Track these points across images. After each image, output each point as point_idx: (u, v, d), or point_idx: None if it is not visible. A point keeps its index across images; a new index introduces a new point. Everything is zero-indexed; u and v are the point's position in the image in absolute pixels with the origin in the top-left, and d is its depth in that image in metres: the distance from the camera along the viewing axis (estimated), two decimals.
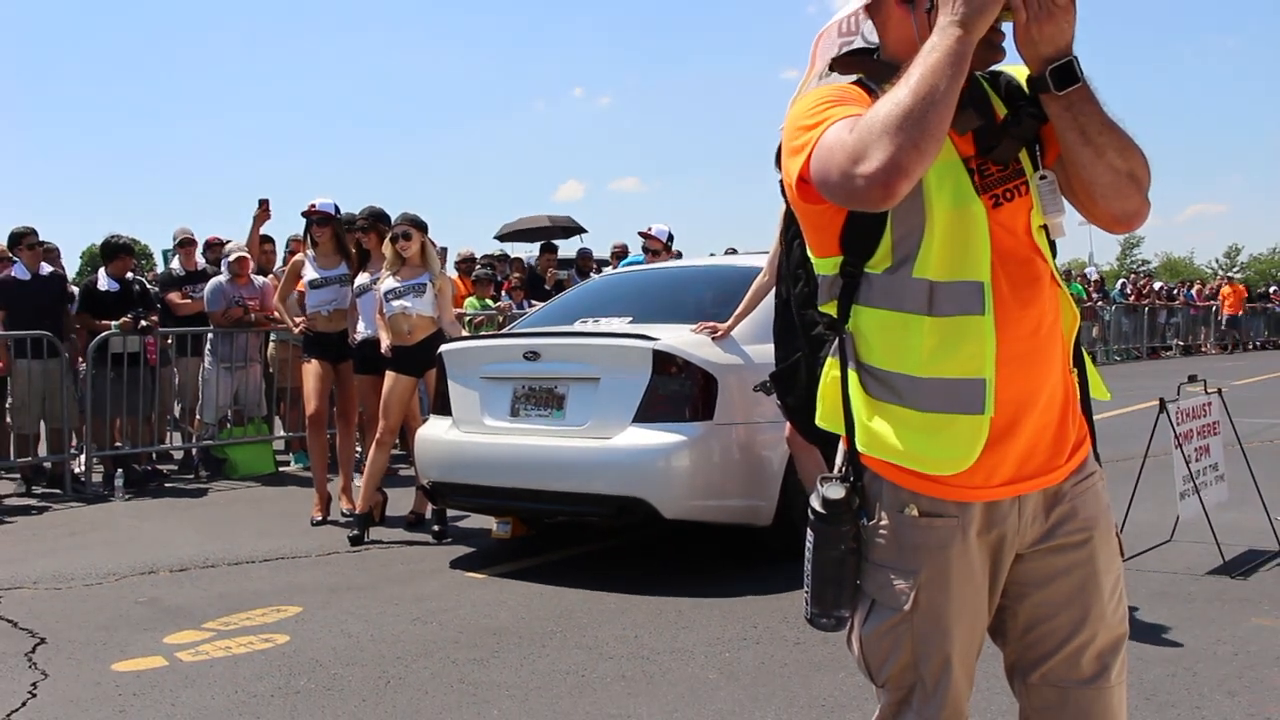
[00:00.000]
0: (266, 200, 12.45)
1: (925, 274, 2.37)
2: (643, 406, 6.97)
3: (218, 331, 12.06)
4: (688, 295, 8.55)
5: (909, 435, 2.40)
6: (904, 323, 2.39)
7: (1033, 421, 2.43)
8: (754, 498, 7.15)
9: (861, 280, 2.45)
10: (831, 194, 2.28)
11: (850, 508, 2.47)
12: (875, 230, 2.40)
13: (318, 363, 9.36)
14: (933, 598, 2.44)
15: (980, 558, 2.46)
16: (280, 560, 7.89)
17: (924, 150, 2.15)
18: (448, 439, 7.68)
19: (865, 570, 2.50)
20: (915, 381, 2.39)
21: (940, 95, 2.16)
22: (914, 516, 2.44)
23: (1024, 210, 2.42)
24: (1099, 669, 2.52)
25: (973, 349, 2.36)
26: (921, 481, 2.43)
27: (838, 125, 2.28)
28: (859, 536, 2.49)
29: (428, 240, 8.78)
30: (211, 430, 12.31)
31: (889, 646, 2.50)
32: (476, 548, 8.19)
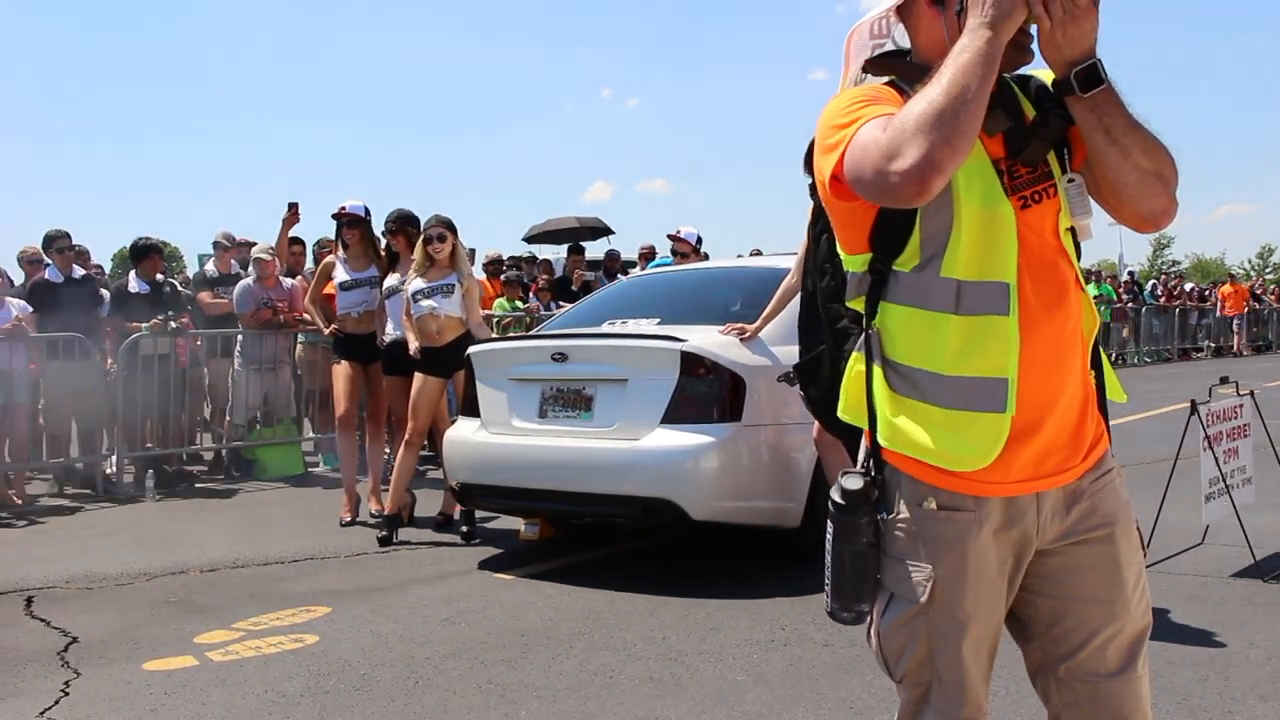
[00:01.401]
0: (295, 204, 12.50)
1: (953, 273, 2.39)
2: (671, 408, 6.96)
3: (247, 333, 12.11)
4: (715, 296, 8.54)
5: (931, 431, 2.43)
6: (930, 321, 2.42)
7: (1053, 421, 2.45)
8: (782, 499, 7.14)
9: (889, 277, 2.47)
10: (865, 190, 2.31)
11: (869, 499, 2.50)
12: (904, 228, 2.42)
13: (348, 364, 9.41)
14: (949, 591, 2.46)
15: (998, 554, 2.48)
16: (309, 561, 7.92)
17: (956, 147, 2.18)
18: (476, 440, 7.70)
19: (884, 564, 2.52)
20: (940, 379, 2.42)
21: (972, 94, 2.20)
22: (932, 510, 2.46)
23: (1052, 212, 2.44)
24: (1127, 660, 2.54)
25: (997, 349, 2.39)
26: (940, 475, 2.45)
27: (871, 124, 2.31)
28: (878, 530, 2.52)
29: (458, 242, 8.80)
30: (241, 431, 12.38)
31: (905, 640, 2.52)
32: (505, 549, 8.20)
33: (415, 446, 8.78)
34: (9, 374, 10.68)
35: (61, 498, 11.02)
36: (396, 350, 8.95)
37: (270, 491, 11.28)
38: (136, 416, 11.43)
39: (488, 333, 9.11)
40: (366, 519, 9.29)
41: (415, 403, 8.61)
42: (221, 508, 10.40)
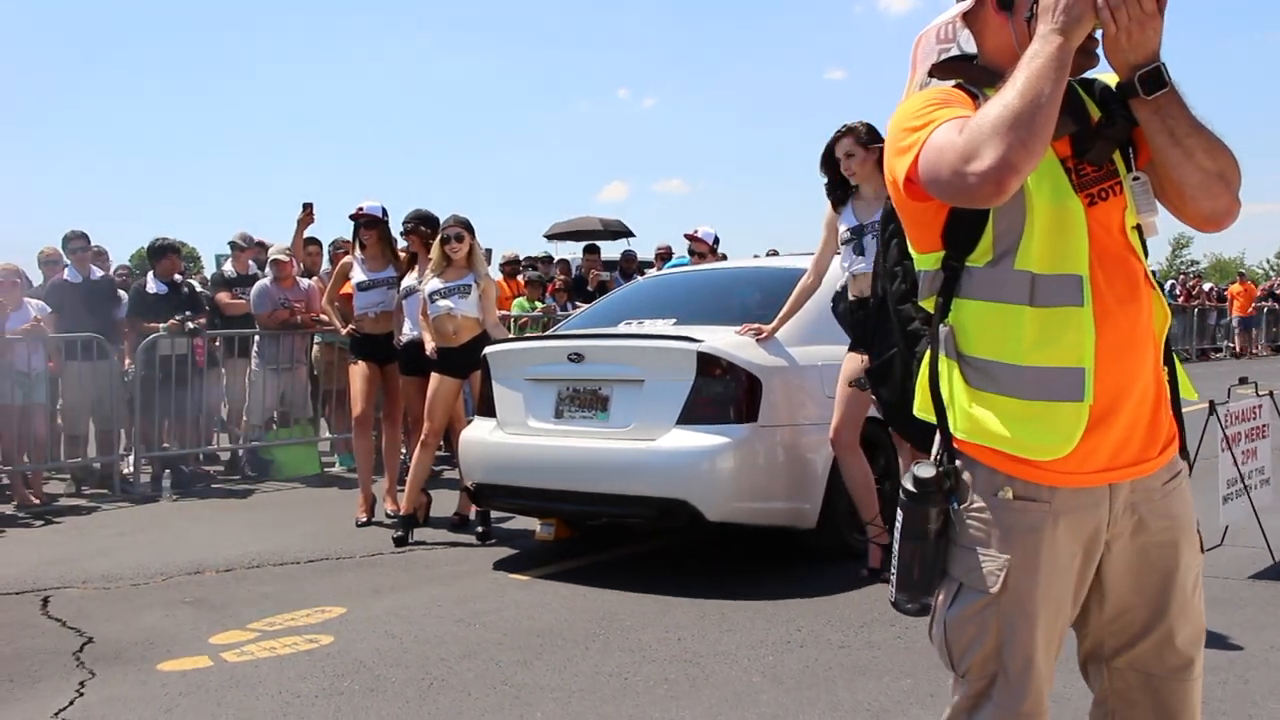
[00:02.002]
0: (310, 204, 12.50)
1: (1027, 266, 2.44)
2: (687, 408, 6.95)
3: (264, 333, 12.13)
4: (732, 297, 8.53)
5: (1010, 422, 2.47)
6: (1006, 314, 2.47)
7: (1128, 412, 2.49)
8: (798, 500, 7.12)
9: (963, 274, 2.53)
10: (941, 191, 2.36)
11: (940, 488, 2.53)
12: (977, 225, 2.48)
13: (365, 364, 9.41)
14: (1021, 581, 2.49)
15: (1070, 546, 2.51)
16: (325, 561, 7.92)
17: (1032, 150, 2.24)
18: (492, 440, 7.69)
19: (953, 554, 2.56)
20: (1017, 370, 2.46)
21: (1046, 98, 2.26)
22: (1008, 499, 2.49)
23: (1118, 210, 2.49)
24: (1186, 661, 2.62)
25: (1073, 339, 2.43)
26: (1017, 465, 2.48)
27: (946, 126, 2.37)
28: (947, 521, 2.55)
29: (475, 243, 8.79)
30: (258, 432, 12.40)
31: (974, 631, 2.54)
32: (520, 549, 8.20)
33: (431, 447, 8.78)
34: (27, 374, 10.72)
35: (79, 498, 11.05)
36: (413, 350, 8.95)
37: (286, 492, 11.30)
38: (154, 417, 11.46)
39: (504, 333, 9.11)
40: (382, 519, 9.30)
41: (431, 403, 8.61)
42: (238, 508, 10.43)
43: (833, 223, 7.11)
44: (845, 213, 7.03)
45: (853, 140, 6.91)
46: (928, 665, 5.23)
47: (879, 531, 6.94)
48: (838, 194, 7.10)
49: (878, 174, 6.91)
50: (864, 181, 6.96)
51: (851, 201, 7.04)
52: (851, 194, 7.06)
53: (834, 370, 7.06)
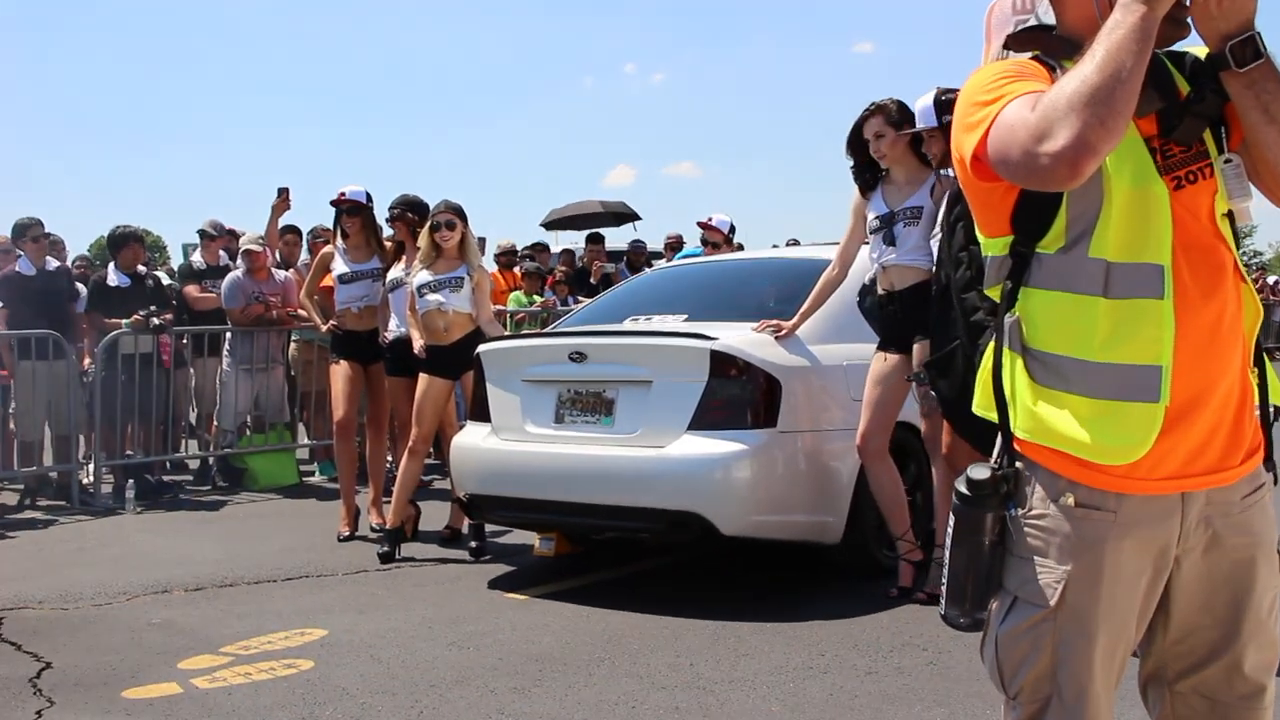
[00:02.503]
0: (286, 189, 12.52)
1: (1102, 254, 2.43)
2: (699, 412, 6.97)
3: (237, 331, 12.16)
4: (748, 291, 8.54)
5: (1078, 423, 2.46)
6: (1077, 305, 2.46)
7: (1207, 416, 2.48)
8: (821, 513, 7.15)
9: (1032, 261, 2.52)
10: (1011, 172, 2.36)
11: (996, 492, 2.53)
12: (1049, 209, 2.47)
13: (347, 364, 9.44)
14: (1080, 596, 2.48)
15: (1137, 560, 2.50)
16: (304, 579, 7.96)
17: (1111, 128, 2.23)
18: (486, 447, 7.72)
19: (1009, 564, 2.56)
20: (1087, 367, 2.45)
21: (1127, 73, 2.24)
22: (1070, 506, 2.49)
23: (1207, 194, 2.48)
24: (1256, 688, 2.60)
25: (1150, 334, 2.42)
26: (1082, 470, 2.48)
27: (1018, 102, 2.36)
28: (1004, 528, 2.55)
29: (468, 231, 8.81)
30: (230, 438, 12.41)
31: (1027, 648, 2.54)
32: (517, 566, 8.23)
33: (420, 454, 8.81)
34: None
35: (34, 510, 11.07)
36: (400, 349, 8.98)
37: (261, 504, 11.33)
38: (115, 421, 11.48)
39: (499, 330, 9.13)
40: (366, 533, 9.33)
41: (420, 406, 8.64)
42: (208, 521, 10.46)
43: (860, 210, 7.13)
44: (874, 199, 7.05)
45: (882, 119, 6.93)
46: (963, 694, 5.26)
47: (910, 547, 6.97)
48: (866, 178, 7.12)
49: (910, 156, 6.94)
50: (895, 165, 6.98)
51: (881, 186, 7.06)
52: (881, 178, 7.08)
53: (860, 371, 7.09)
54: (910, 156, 6.95)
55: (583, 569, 8.05)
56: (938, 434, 6.72)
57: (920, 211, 6.81)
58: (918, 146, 6.91)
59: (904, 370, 6.76)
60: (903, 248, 6.84)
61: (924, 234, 6.73)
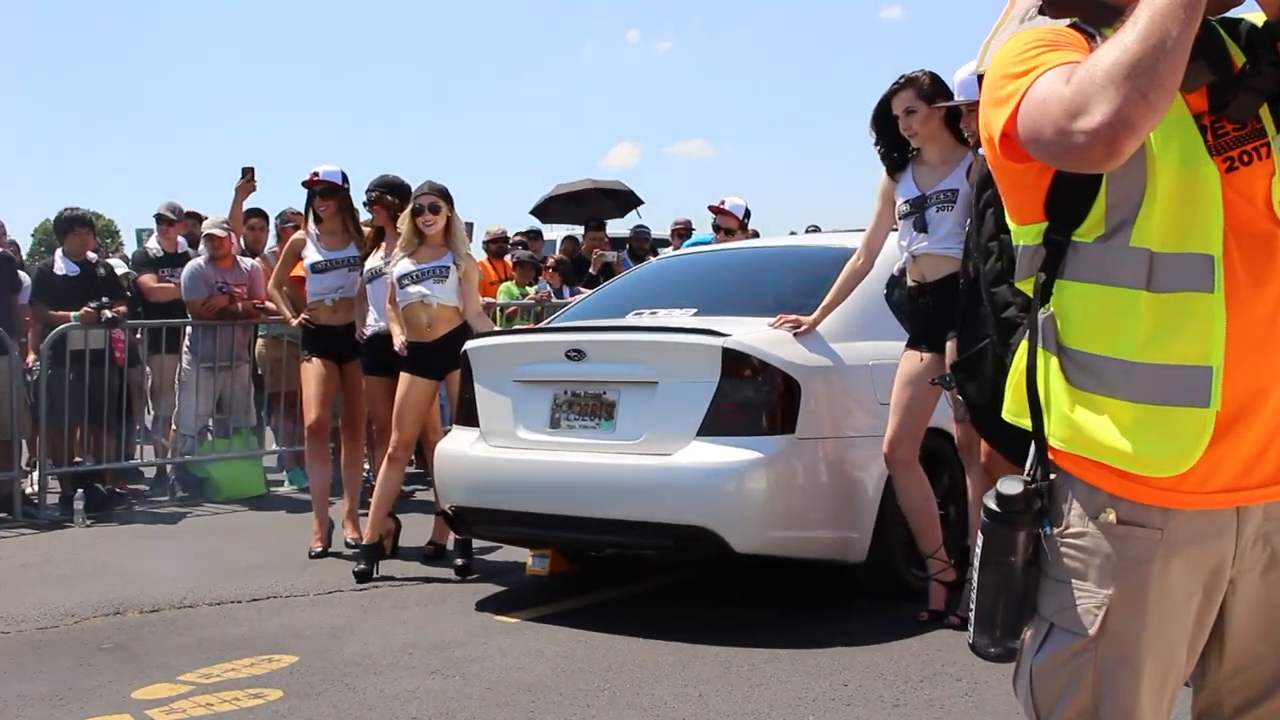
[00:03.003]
0: (251, 168, 12.51)
1: (1145, 243, 2.42)
2: (710, 417, 6.99)
3: (197, 325, 12.13)
4: (765, 282, 8.56)
5: (1119, 430, 2.45)
6: (1117, 299, 2.45)
7: (1264, 421, 2.46)
8: (844, 528, 7.17)
9: (1068, 250, 2.51)
10: (1044, 152, 2.34)
11: (1029, 507, 2.52)
12: (1087, 193, 2.46)
13: (320, 362, 9.45)
14: (1124, 623, 2.47)
15: (1186, 583, 2.49)
16: (272, 600, 7.98)
17: (1154, 103, 2.20)
18: (474, 455, 7.74)
19: (1043, 588, 2.55)
20: (1129, 368, 2.44)
21: (1173, 41, 2.21)
22: (1111, 523, 2.48)
23: (1264, 176, 2.46)
24: None
25: (1198, 331, 2.41)
26: (1123, 482, 2.47)
27: (1051, 74, 2.34)
28: (1038, 548, 2.55)
29: (454, 216, 8.82)
30: (190, 444, 12.42)
31: (1065, 680, 2.53)
32: (508, 586, 8.25)
33: (400, 462, 8.82)
34: None
35: None
36: (379, 345, 8.98)
37: (225, 516, 11.35)
38: (63, 425, 11.49)
39: (489, 325, 9.13)
40: (341, 549, 9.35)
41: (400, 409, 8.64)
42: (165, 535, 10.49)
43: (889, 193, 7.15)
44: (904, 181, 7.06)
45: (913, 93, 6.94)
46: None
47: (942, 566, 6.99)
48: (895, 158, 7.13)
49: (944, 133, 6.95)
50: (927, 143, 6.99)
51: (911, 167, 7.08)
52: (911, 158, 7.09)
53: (888, 371, 7.11)
54: (945, 134, 6.96)
55: (580, 589, 8.07)
56: (973, 441, 6.74)
57: (955, 195, 6.82)
58: (953, 123, 6.93)
59: (936, 370, 6.77)
60: (935, 235, 6.86)
61: (959, 220, 6.73)
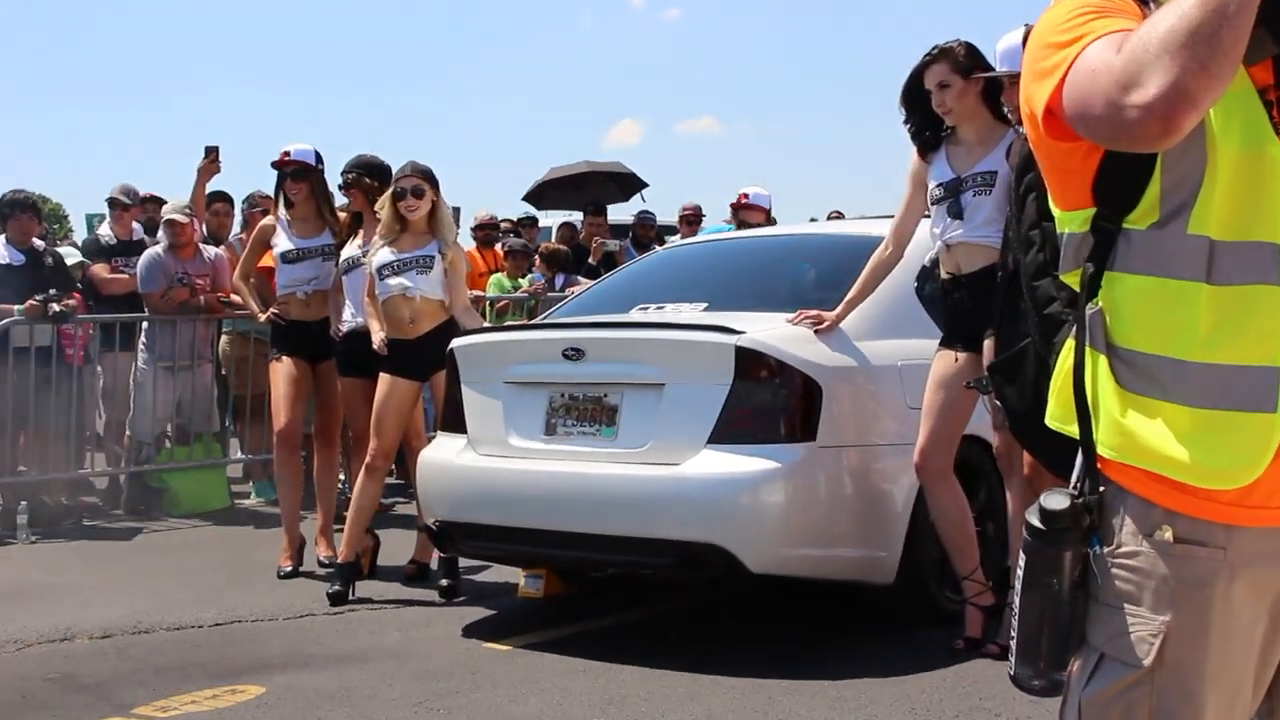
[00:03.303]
0: (215, 147, 12.51)
1: (1204, 230, 2.40)
2: (722, 423, 6.96)
3: (155, 320, 12.13)
4: (782, 274, 8.56)
5: (1176, 438, 2.42)
6: (1174, 293, 2.43)
7: None
8: (870, 546, 7.14)
9: (1119, 239, 2.49)
10: (1092, 129, 2.32)
11: (1077, 524, 2.50)
12: (1140, 175, 2.44)
13: (290, 361, 9.44)
14: (1183, 654, 2.45)
15: (1252, 607, 2.47)
16: (237, 625, 7.96)
17: (1215, 75, 2.18)
18: (460, 464, 7.73)
19: (1093, 614, 2.53)
20: (1187, 369, 2.42)
21: (1236, 7, 2.18)
22: (1167, 542, 2.45)
23: None
24: None
25: (1264, 328, 2.40)
26: (1182, 497, 2.44)
27: (1101, 42, 2.32)
28: (1086, 569, 2.52)
29: (440, 200, 8.81)
30: (146, 451, 12.39)
31: (1117, 717, 2.51)
32: (498, 610, 8.24)
33: (379, 472, 8.81)
34: None
35: None
36: (356, 343, 8.97)
37: (185, 532, 11.35)
38: (5, 430, 11.49)
39: (478, 321, 9.12)
40: (314, 569, 9.35)
41: (380, 413, 8.63)
42: (119, 553, 10.47)
43: (920, 176, 7.13)
44: (937, 162, 7.04)
45: (947, 66, 6.91)
46: None
47: (979, 589, 6.96)
48: (926, 138, 7.11)
49: (982, 110, 6.92)
50: (962, 121, 6.96)
51: (945, 147, 7.05)
52: (945, 138, 7.07)
53: (919, 372, 7.09)
54: (983, 110, 6.93)
55: (579, 613, 8.06)
56: (1013, 450, 6.71)
57: (994, 177, 6.79)
58: (992, 98, 6.90)
59: (972, 372, 6.74)
60: (972, 222, 6.83)
61: (998, 205, 6.71)
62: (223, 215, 13.43)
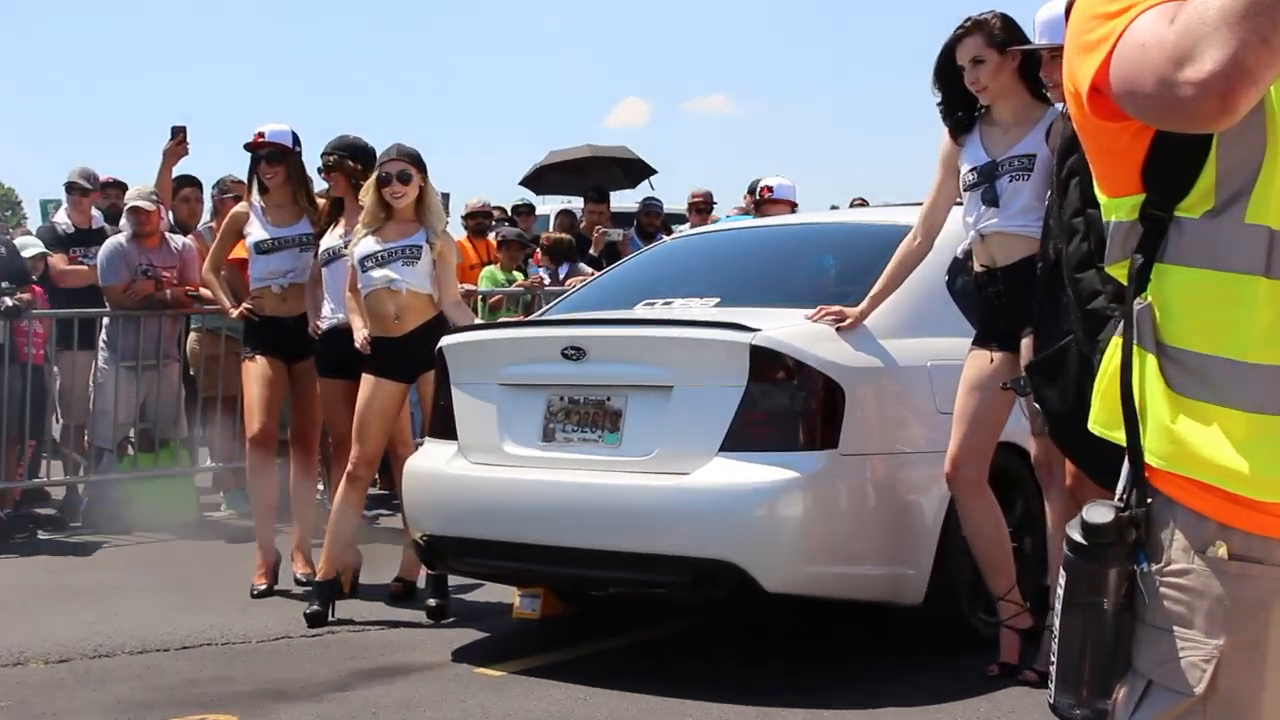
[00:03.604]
0: (183, 127, 12.50)
1: (1263, 219, 2.40)
2: (735, 428, 6.97)
3: (117, 315, 12.14)
4: (801, 266, 8.57)
5: (1231, 445, 2.42)
6: (1230, 287, 2.42)
7: None
8: (897, 563, 7.15)
9: (1170, 228, 2.49)
10: (1142, 108, 2.32)
11: (1122, 539, 2.50)
12: (1193, 158, 2.44)
13: (265, 361, 9.44)
14: (1238, 680, 2.45)
15: None
16: (206, 648, 7.97)
17: (1276, 49, 2.17)
18: (450, 474, 7.74)
19: (1140, 637, 2.53)
20: (1244, 370, 2.42)
21: None
22: (1221, 559, 2.45)
23: None
24: None
25: None
26: (1237, 509, 2.44)
27: (1152, 13, 2.31)
28: (1133, 588, 2.52)
29: (428, 186, 8.81)
30: (107, 459, 12.41)
31: None
32: (491, 632, 8.26)
33: (362, 482, 8.83)
34: None
35: None
36: (337, 341, 8.98)
37: (149, 546, 11.36)
38: None
39: (470, 317, 9.14)
40: (290, 587, 9.36)
41: (363, 417, 8.63)
42: (77, 570, 10.47)
43: (952, 159, 7.14)
44: (970, 145, 7.04)
45: (982, 39, 6.91)
46: None
47: (1016, 610, 6.97)
48: (959, 118, 7.11)
49: (1020, 87, 6.93)
50: (998, 100, 6.97)
51: (980, 128, 7.06)
52: (980, 118, 7.08)
53: (951, 373, 7.09)
54: (1020, 88, 6.94)
55: (578, 636, 8.08)
56: (1053, 458, 6.72)
57: (1032, 161, 6.80)
58: (1031, 74, 6.91)
59: (1009, 372, 6.74)
60: (1009, 210, 6.83)
61: (1037, 191, 6.71)
62: (192, 201, 13.43)
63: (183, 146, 12.60)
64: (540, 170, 23.13)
